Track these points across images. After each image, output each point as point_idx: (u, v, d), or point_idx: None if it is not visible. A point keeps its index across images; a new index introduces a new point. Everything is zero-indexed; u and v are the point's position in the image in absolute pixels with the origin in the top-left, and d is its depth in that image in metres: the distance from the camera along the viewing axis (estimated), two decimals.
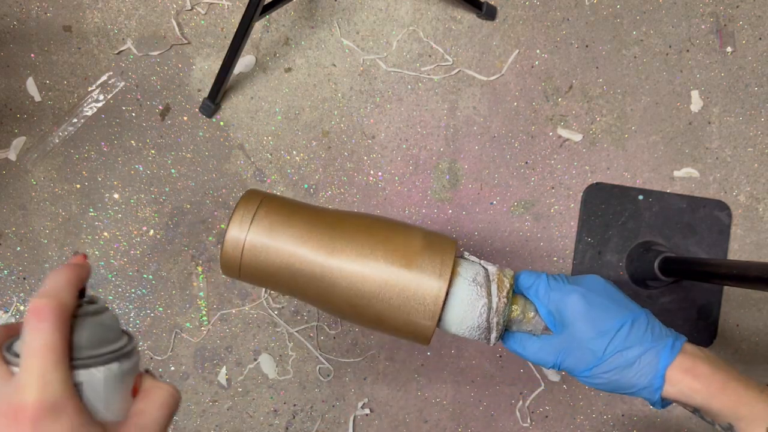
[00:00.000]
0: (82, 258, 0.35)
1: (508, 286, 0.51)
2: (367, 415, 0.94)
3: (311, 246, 0.51)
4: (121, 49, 0.92)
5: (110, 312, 0.34)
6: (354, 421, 0.94)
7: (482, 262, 0.53)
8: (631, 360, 0.48)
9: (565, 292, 0.51)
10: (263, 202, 0.52)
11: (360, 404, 0.94)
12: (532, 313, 0.52)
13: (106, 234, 0.92)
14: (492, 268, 0.52)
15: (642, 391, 0.48)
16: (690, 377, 0.47)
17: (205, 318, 0.93)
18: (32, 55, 0.92)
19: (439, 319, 0.51)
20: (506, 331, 0.53)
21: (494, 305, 0.50)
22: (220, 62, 0.86)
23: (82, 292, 0.33)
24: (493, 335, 0.51)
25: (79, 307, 0.32)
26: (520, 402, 0.96)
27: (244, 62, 0.93)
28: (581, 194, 0.97)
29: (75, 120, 0.74)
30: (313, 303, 0.54)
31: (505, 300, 0.51)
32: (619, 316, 0.49)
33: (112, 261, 0.92)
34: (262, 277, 0.53)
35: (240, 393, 0.93)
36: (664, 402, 0.49)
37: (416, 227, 0.54)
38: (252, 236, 0.51)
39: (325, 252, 0.51)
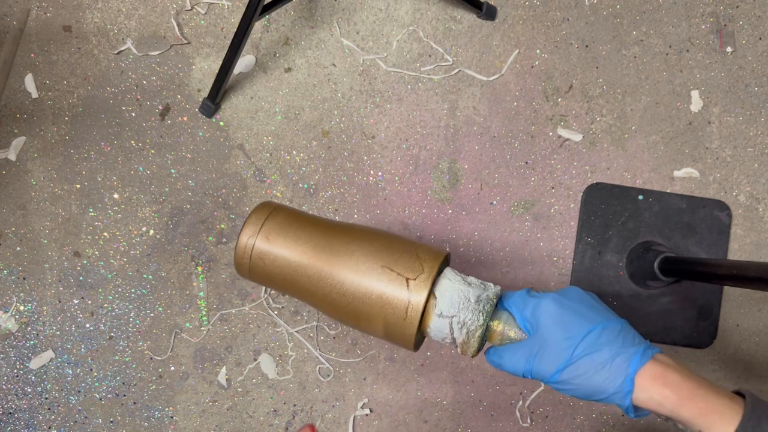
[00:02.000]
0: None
1: (486, 308, 0.53)
2: (367, 415, 0.94)
3: (311, 253, 0.57)
4: (121, 49, 0.92)
5: None
6: (354, 421, 0.94)
7: (468, 279, 0.55)
8: (600, 363, 0.48)
9: (540, 297, 0.52)
10: (272, 213, 0.60)
11: (360, 404, 0.94)
12: (514, 329, 0.54)
13: (105, 234, 0.92)
14: (473, 291, 0.54)
15: (612, 396, 0.48)
16: (660, 384, 0.47)
17: (205, 318, 0.93)
18: (32, 54, 0.92)
19: (422, 331, 0.55)
20: (492, 346, 0.55)
21: (465, 329, 0.53)
22: (220, 62, 0.86)
23: None
24: (482, 318, 0.54)
25: None
26: (520, 402, 0.96)
27: (244, 62, 0.93)
28: (581, 194, 0.97)
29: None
30: (312, 304, 0.59)
31: (480, 323, 0.53)
32: (592, 320, 0.50)
33: (111, 261, 0.92)
34: (268, 279, 0.59)
35: (240, 393, 0.93)
36: (638, 411, 0.49)
37: (409, 241, 0.58)
38: (259, 243, 0.58)
39: (323, 259, 0.56)
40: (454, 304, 0.52)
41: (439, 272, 0.55)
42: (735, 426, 0.44)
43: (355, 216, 0.95)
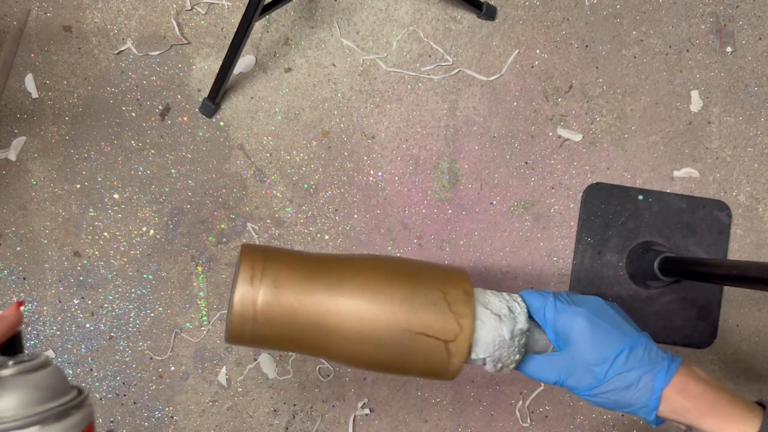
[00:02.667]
0: (12, 309, 0.33)
1: (520, 343, 0.53)
2: (367, 415, 0.94)
3: (332, 295, 0.49)
4: (121, 49, 0.92)
5: (47, 370, 0.32)
6: (354, 421, 0.94)
7: (496, 308, 0.54)
8: (630, 382, 0.51)
9: (571, 314, 0.54)
10: (267, 257, 0.49)
11: (360, 404, 0.94)
12: (542, 340, 0.55)
13: (106, 234, 0.92)
14: (506, 326, 0.53)
15: (639, 410, 0.51)
16: (682, 397, 0.50)
17: (205, 318, 0.93)
18: (32, 54, 0.92)
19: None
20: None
21: (500, 363, 0.53)
22: (220, 62, 0.86)
23: (12, 348, 0.31)
24: (518, 354, 0.53)
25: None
26: (520, 402, 0.96)
27: (244, 62, 0.93)
28: (581, 194, 0.97)
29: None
30: (339, 351, 0.51)
31: (516, 359, 0.53)
32: (620, 341, 0.52)
33: (112, 261, 0.92)
34: (278, 337, 0.49)
35: (240, 393, 0.93)
36: (659, 420, 0.52)
37: (425, 265, 0.54)
38: (265, 295, 0.47)
39: (350, 295, 0.49)
40: (489, 346, 0.52)
41: None
42: None
43: (355, 216, 0.95)
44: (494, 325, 0.52)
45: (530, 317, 0.55)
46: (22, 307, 0.33)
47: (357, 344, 0.49)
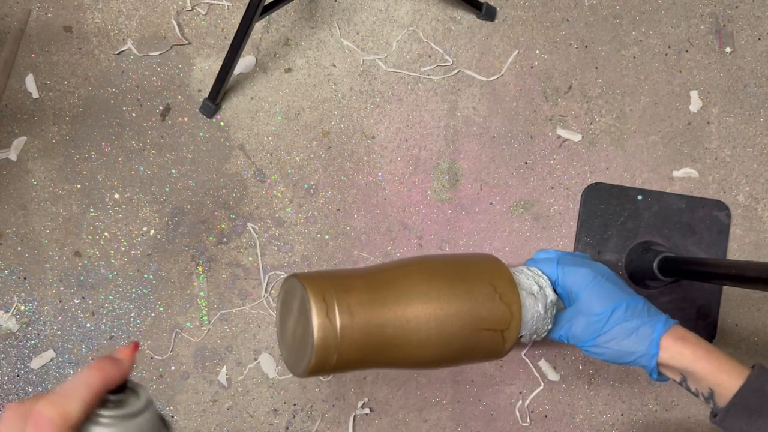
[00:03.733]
0: (129, 351, 0.32)
1: (552, 313, 0.59)
2: (367, 414, 0.94)
3: (396, 307, 0.50)
4: (122, 49, 0.93)
5: (148, 413, 0.30)
6: (354, 420, 0.94)
7: (530, 287, 0.59)
8: (631, 330, 0.55)
9: (576, 272, 0.59)
10: (334, 289, 0.49)
11: (360, 404, 0.94)
12: (552, 295, 0.60)
13: (106, 234, 0.92)
14: (540, 302, 0.59)
15: (639, 358, 0.56)
16: (680, 344, 0.54)
17: (205, 318, 0.93)
18: (33, 55, 0.92)
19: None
20: None
21: (536, 335, 0.59)
22: (221, 63, 0.86)
23: (121, 387, 0.30)
24: (550, 323, 0.59)
25: (107, 406, 0.29)
26: (520, 401, 0.96)
27: (244, 63, 0.94)
28: (580, 194, 0.98)
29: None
30: (417, 359, 0.54)
31: (549, 327, 0.59)
32: (621, 296, 0.57)
33: (112, 261, 0.92)
34: (357, 362, 0.50)
35: (240, 392, 0.93)
36: (660, 376, 0.57)
37: (468, 261, 0.58)
38: (343, 320, 0.48)
39: (414, 305, 0.51)
40: (529, 323, 0.57)
41: None
42: (741, 383, 0.50)
43: (355, 216, 0.95)
44: (531, 303, 0.57)
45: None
46: (137, 351, 0.32)
47: (428, 349, 0.52)
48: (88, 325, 0.92)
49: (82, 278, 0.91)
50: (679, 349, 0.54)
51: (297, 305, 0.50)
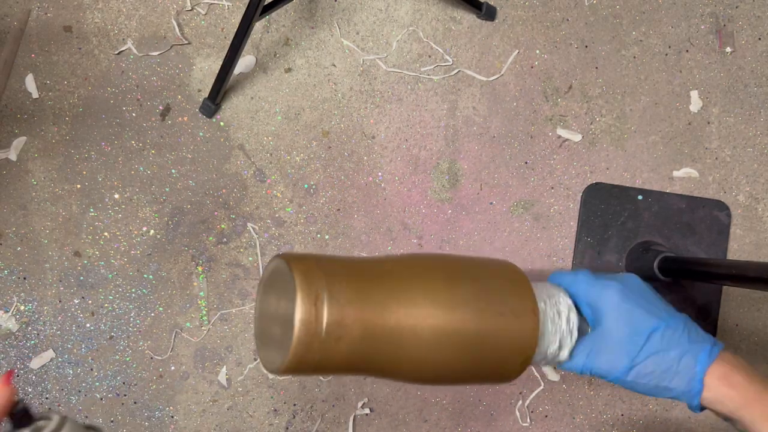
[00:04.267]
0: (3, 380, 0.30)
1: (575, 329, 0.50)
2: (367, 414, 0.94)
3: (399, 304, 0.43)
4: (122, 49, 0.93)
5: (66, 429, 0.29)
6: (354, 420, 0.94)
7: (541, 293, 0.50)
8: (669, 362, 0.46)
9: (603, 287, 0.49)
10: (320, 266, 0.42)
11: (360, 404, 0.94)
12: (575, 316, 0.51)
13: (106, 234, 0.92)
14: (556, 298, 0.50)
15: (680, 396, 0.47)
16: (726, 385, 0.45)
17: (205, 318, 0.93)
18: (33, 55, 0.92)
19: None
20: None
21: (571, 334, 0.49)
22: (220, 62, 0.86)
23: (23, 420, 0.29)
24: (570, 343, 0.50)
25: None
26: (520, 402, 0.96)
27: (244, 62, 0.93)
28: (581, 194, 0.98)
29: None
30: (419, 363, 0.45)
31: (565, 357, 0.49)
32: (657, 317, 0.47)
33: (112, 261, 0.92)
34: (348, 363, 0.43)
35: (240, 393, 0.93)
36: (702, 407, 0.48)
37: (487, 268, 0.49)
38: (332, 312, 0.40)
39: (405, 307, 0.43)
40: (544, 350, 0.49)
41: None
42: None
43: (355, 216, 0.95)
44: (550, 329, 0.49)
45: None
46: (12, 378, 0.30)
47: (425, 364, 0.44)
48: (88, 325, 0.91)
49: (81, 278, 0.91)
50: (726, 392, 0.45)
51: (281, 291, 0.43)
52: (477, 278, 0.47)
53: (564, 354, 0.49)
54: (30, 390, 0.91)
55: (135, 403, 0.92)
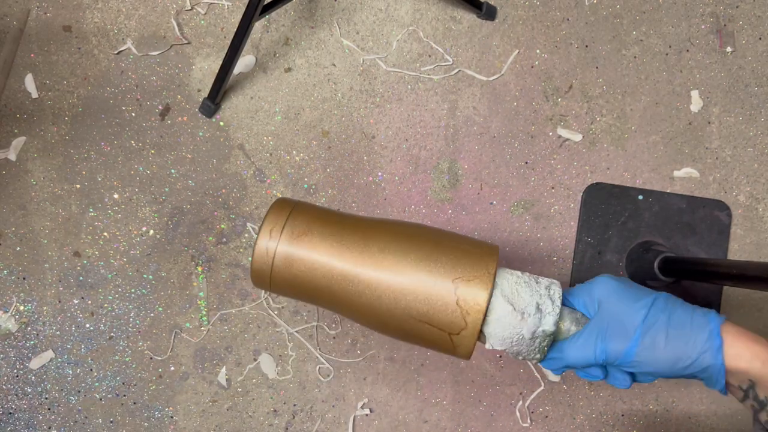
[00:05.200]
0: None
1: (543, 345, 0.48)
2: (367, 415, 0.94)
3: (347, 255, 0.49)
4: (121, 49, 0.92)
5: None
6: (354, 421, 0.94)
7: (522, 305, 0.49)
8: (679, 323, 0.42)
9: (595, 281, 0.49)
10: (294, 211, 0.51)
11: (360, 404, 0.94)
12: (578, 321, 0.49)
13: (105, 234, 0.92)
14: (527, 326, 0.49)
15: (701, 357, 0.41)
16: (748, 339, 0.40)
17: (205, 318, 0.93)
18: (32, 54, 0.92)
19: (481, 332, 0.49)
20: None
21: (521, 356, 0.49)
22: (220, 62, 0.86)
23: None
24: (539, 354, 0.49)
25: None
26: (520, 402, 0.96)
27: (244, 62, 0.93)
28: (581, 194, 0.97)
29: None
30: (348, 314, 0.52)
31: (537, 358, 0.49)
32: (649, 293, 0.46)
33: (111, 261, 0.92)
34: (294, 287, 0.50)
35: (240, 393, 0.93)
36: (726, 383, 0.43)
37: (452, 234, 0.52)
38: (283, 246, 0.49)
39: (361, 261, 0.48)
40: (506, 341, 0.48)
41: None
42: None
43: None
44: (513, 323, 0.47)
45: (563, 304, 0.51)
46: None
47: (362, 313, 0.49)
48: (88, 325, 0.91)
49: (81, 278, 0.91)
50: (750, 346, 0.40)
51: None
52: (430, 262, 0.49)
53: (548, 322, 0.48)
54: (29, 390, 0.91)
55: (134, 403, 0.92)
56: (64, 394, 0.91)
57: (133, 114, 0.92)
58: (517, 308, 0.48)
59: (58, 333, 0.91)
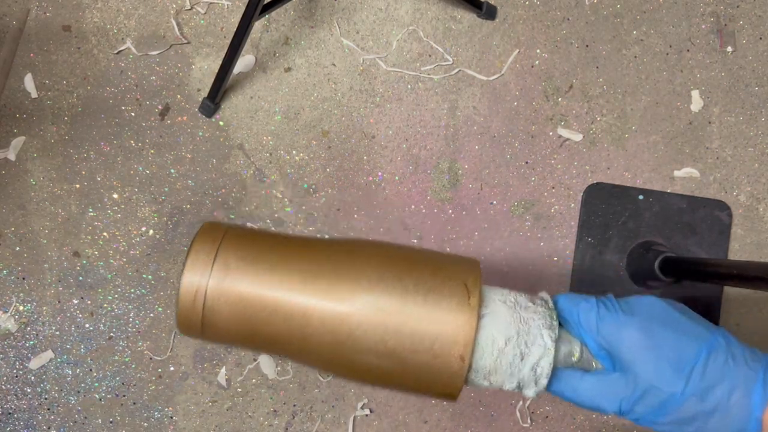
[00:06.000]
0: None
1: (541, 382, 0.40)
2: (366, 415, 0.94)
3: (297, 284, 0.38)
4: (121, 48, 0.92)
5: None
6: (354, 421, 0.94)
7: (507, 306, 0.41)
8: (716, 403, 0.38)
9: (620, 324, 0.40)
10: (226, 236, 0.40)
11: (360, 404, 0.94)
12: (578, 348, 0.42)
13: (105, 234, 0.92)
14: (526, 297, 0.42)
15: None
16: None
17: None
18: (31, 54, 0.92)
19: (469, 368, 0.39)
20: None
21: (536, 382, 0.40)
22: (220, 62, 0.86)
23: None
24: (535, 388, 0.41)
25: None
26: (520, 402, 0.96)
27: (243, 62, 0.93)
28: (581, 194, 0.97)
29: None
30: (301, 359, 0.41)
31: (551, 340, 0.40)
32: (691, 348, 0.40)
33: (111, 261, 0.92)
34: (231, 331, 0.39)
35: (239, 393, 0.93)
36: None
37: (417, 249, 0.43)
38: (215, 282, 0.38)
39: (321, 293, 0.38)
40: (503, 371, 0.40)
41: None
42: None
43: (355, 216, 0.94)
44: (504, 369, 0.40)
45: (566, 330, 0.43)
46: None
47: (319, 359, 0.39)
48: (87, 325, 0.91)
49: (81, 278, 0.91)
50: None
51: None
52: (396, 266, 0.40)
53: (530, 393, 0.41)
54: (29, 390, 0.91)
55: (134, 403, 0.91)
56: (63, 394, 0.91)
57: (133, 114, 0.92)
58: (512, 342, 0.40)
59: (57, 333, 0.91)
